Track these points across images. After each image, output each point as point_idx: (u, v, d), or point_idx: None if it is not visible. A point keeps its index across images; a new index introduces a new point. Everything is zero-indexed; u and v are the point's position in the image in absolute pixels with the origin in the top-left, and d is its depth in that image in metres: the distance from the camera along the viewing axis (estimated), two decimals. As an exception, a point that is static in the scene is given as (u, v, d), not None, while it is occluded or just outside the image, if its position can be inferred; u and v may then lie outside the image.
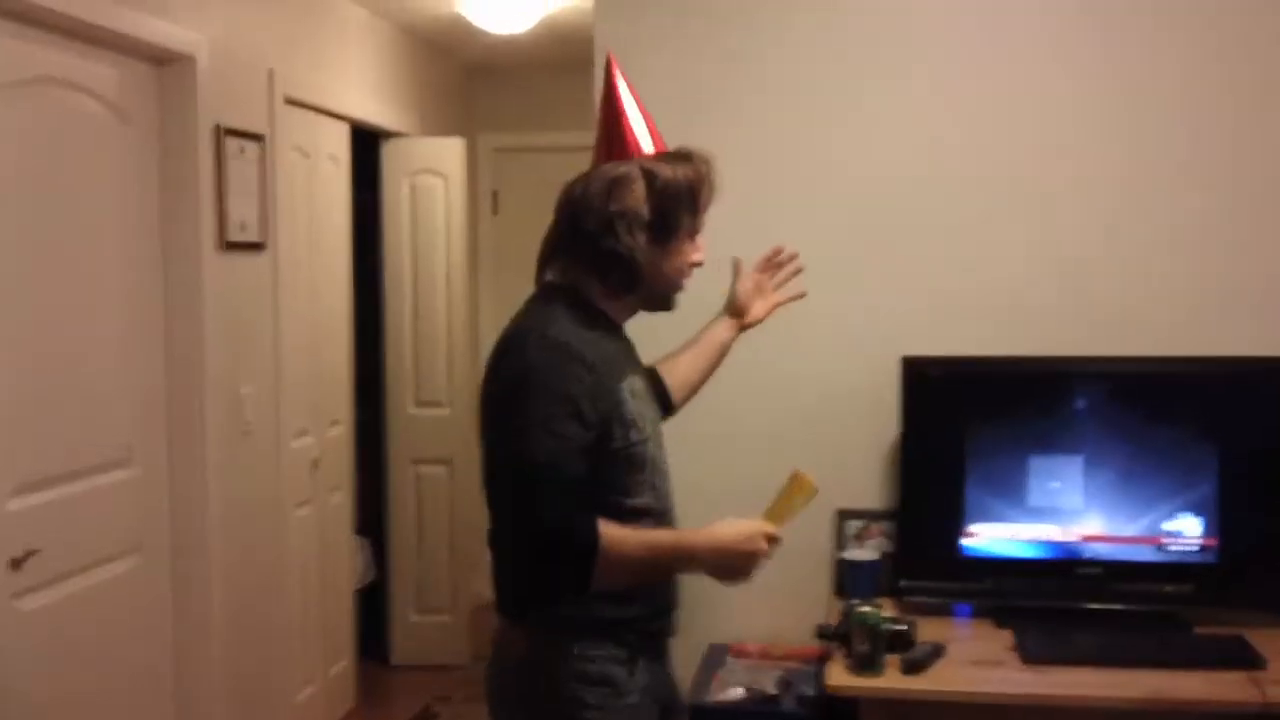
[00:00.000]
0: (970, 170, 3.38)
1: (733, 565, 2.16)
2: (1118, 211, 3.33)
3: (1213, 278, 3.29)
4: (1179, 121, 3.30)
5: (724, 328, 2.64)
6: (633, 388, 2.18)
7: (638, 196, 2.14)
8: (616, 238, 2.12)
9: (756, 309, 2.65)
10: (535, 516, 2.03)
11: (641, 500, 2.19)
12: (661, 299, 2.26)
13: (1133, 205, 3.32)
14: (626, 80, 2.29)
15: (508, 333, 2.19)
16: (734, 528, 2.16)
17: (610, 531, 2.05)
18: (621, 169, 2.17)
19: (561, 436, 2.03)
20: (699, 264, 2.26)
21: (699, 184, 2.20)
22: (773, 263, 2.68)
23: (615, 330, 2.24)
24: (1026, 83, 3.36)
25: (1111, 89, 3.32)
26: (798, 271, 2.69)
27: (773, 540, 2.19)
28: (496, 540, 2.16)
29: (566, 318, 2.13)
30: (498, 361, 2.16)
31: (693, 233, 2.23)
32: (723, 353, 2.64)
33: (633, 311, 2.27)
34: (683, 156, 2.21)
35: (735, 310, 2.64)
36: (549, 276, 2.25)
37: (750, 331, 2.70)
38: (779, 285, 2.68)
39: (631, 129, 2.23)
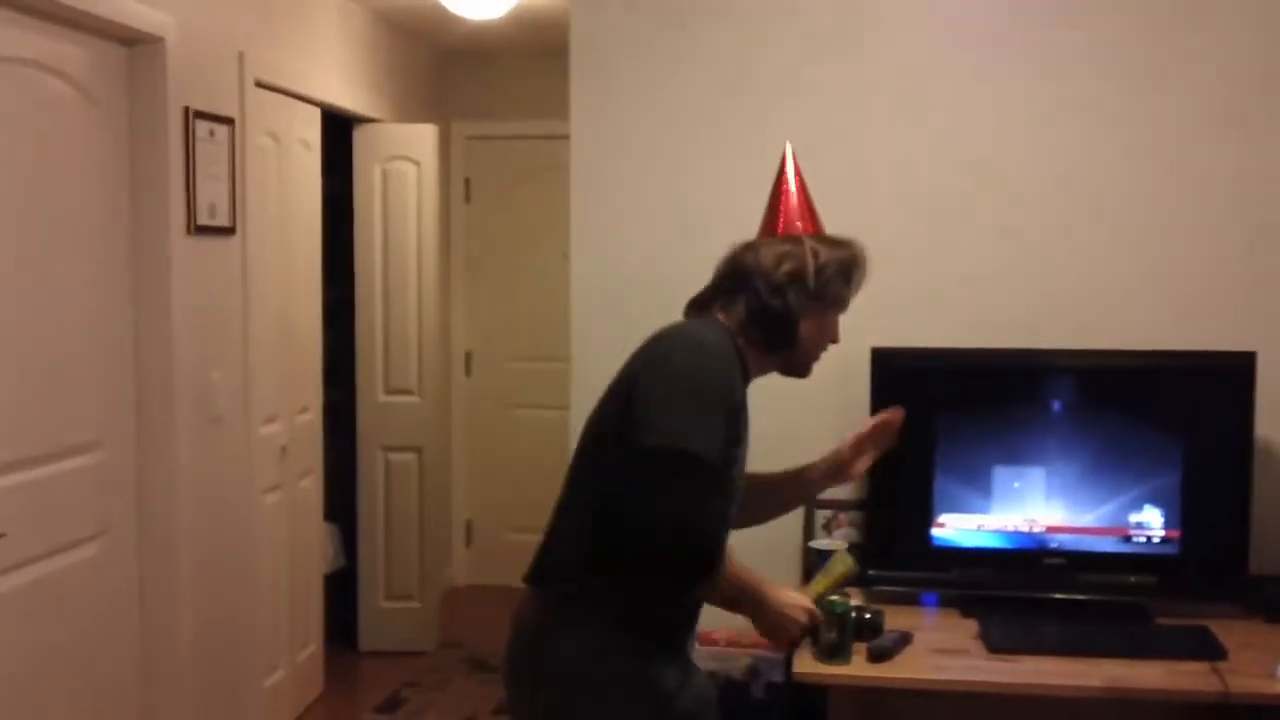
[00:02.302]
0: (940, 165, 3.40)
1: (781, 623, 2.37)
2: (1084, 207, 3.35)
3: (1178, 274, 3.32)
4: (1146, 121, 3.33)
5: (819, 479, 2.72)
6: (747, 427, 2.35)
7: (806, 267, 2.35)
8: (784, 298, 2.33)
9: (858, 466, 2.72)
10: (683, 509, 2.10)
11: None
12: (802, 365, 2.46)
13: (1099, 201, 3.35)
14: (797, 165, 2.53)
15: (673, 330, 2.32)
16: (790, 594, 2.39)
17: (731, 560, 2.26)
18: (792, 243, 2.39)
19: (716, 436, 2.16)
20: (836, 341, 2.47)
21: (854, 266, 2.41)
22: (888, 427, 2.72)
23: (746, 381, 2.37)
24: (996, 79, 3.37)
25: (1079, 88, 3.34)
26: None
27: (812, 618, 2.41)
28: (587, 508, 2.24)
29: (728, 341, 2.32)
30: (662, 348, 2.26)
31: (840, 310, 2.45)
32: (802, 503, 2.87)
33: (767, 371, 2.44)
34: (842, 241, 2.43)
35: (837, 468, 2.71)
36: (714, 314, 2.40)
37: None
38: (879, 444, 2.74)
39: (801, 209, 2.48)
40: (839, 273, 2.39)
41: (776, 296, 2.33)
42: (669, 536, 2.08)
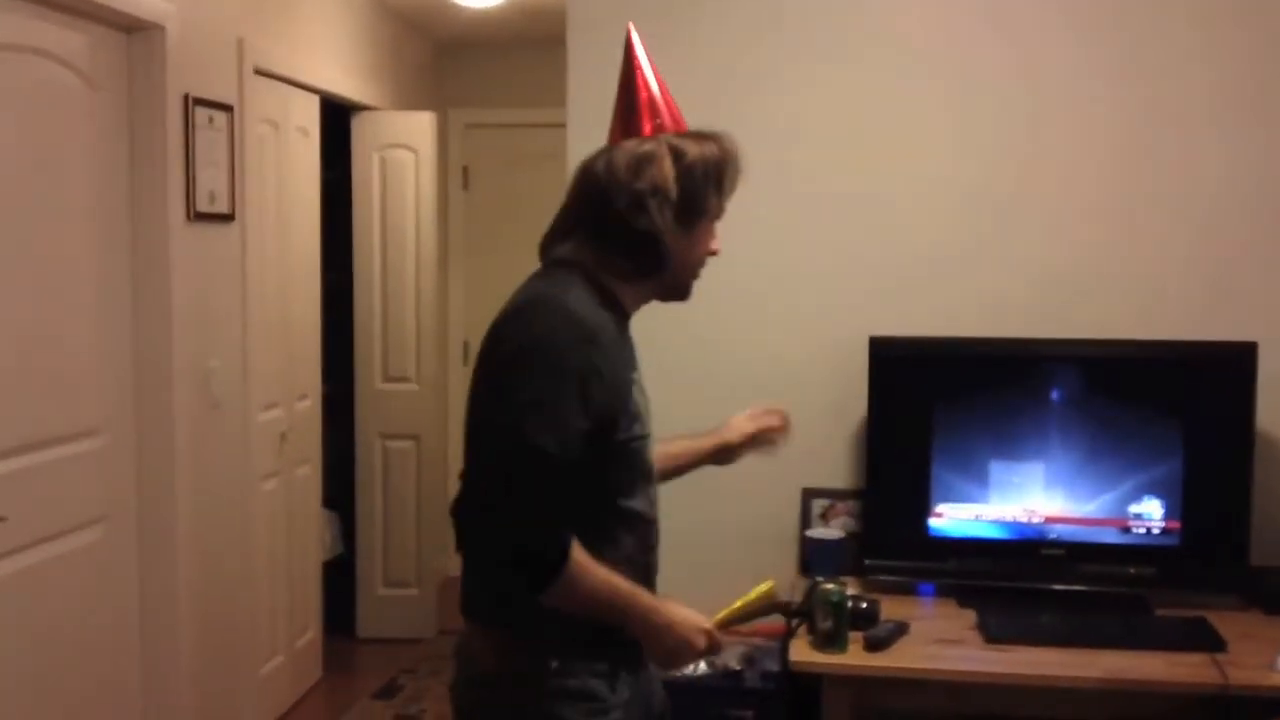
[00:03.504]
0: (938, 154, 3.39)
1: (669, 645, 2.04)
2: (1085, 197, 3.35)
3: (1177, 262, 3.32)
4: (1141, 110, 3.32)
5: (709, 444, 2.48)
6: (639, 381, 2.07)
7: (666, 174, 2.01)
8: (647, 215, 1.99)
9: (738, 456, 2.52)
10: (515, 504, 1.88)
11: (635, 504, 2.06)
12: (680, 287, 2.13)
13: (1099, 191, 3.34)
14: (647, 52, 2.18)
15: (517, 298, 2.03)
16: (684, 612, 2.05)
17: (580, 556, 1.92)
18: (647, 145, 2.04)
19: (563, 422, 1.88)
20: (715, 253, 2.15)
21: (725, 164, 2.08)
22: (773, 434, 2.52)
23: (625, 320, 2.10)
24: (992, 70, 3.37)
25: (1075, 78, 3.34)
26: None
27: (711, 642, 2.08)
28: (468, 521, 1.98)
29: (584, 293, 1.99)
30: (505, 325, 1.99)
31: (716, 216, 2.11)
32: (694, 467, 2.50)
33: (645, 300, 2.13)
34: (708, 136, 2.09)
35: (722, 454, 2.49)
36: (560, 254, 2.09)
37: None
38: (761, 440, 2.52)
39: (653, 104, 2.11)
40: (708, 175, 2.05)
41: (638, 214, 1.99)
42: (496, 533, 1.89)
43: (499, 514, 1.89)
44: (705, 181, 2.05)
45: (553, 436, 1.87)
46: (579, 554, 1.92)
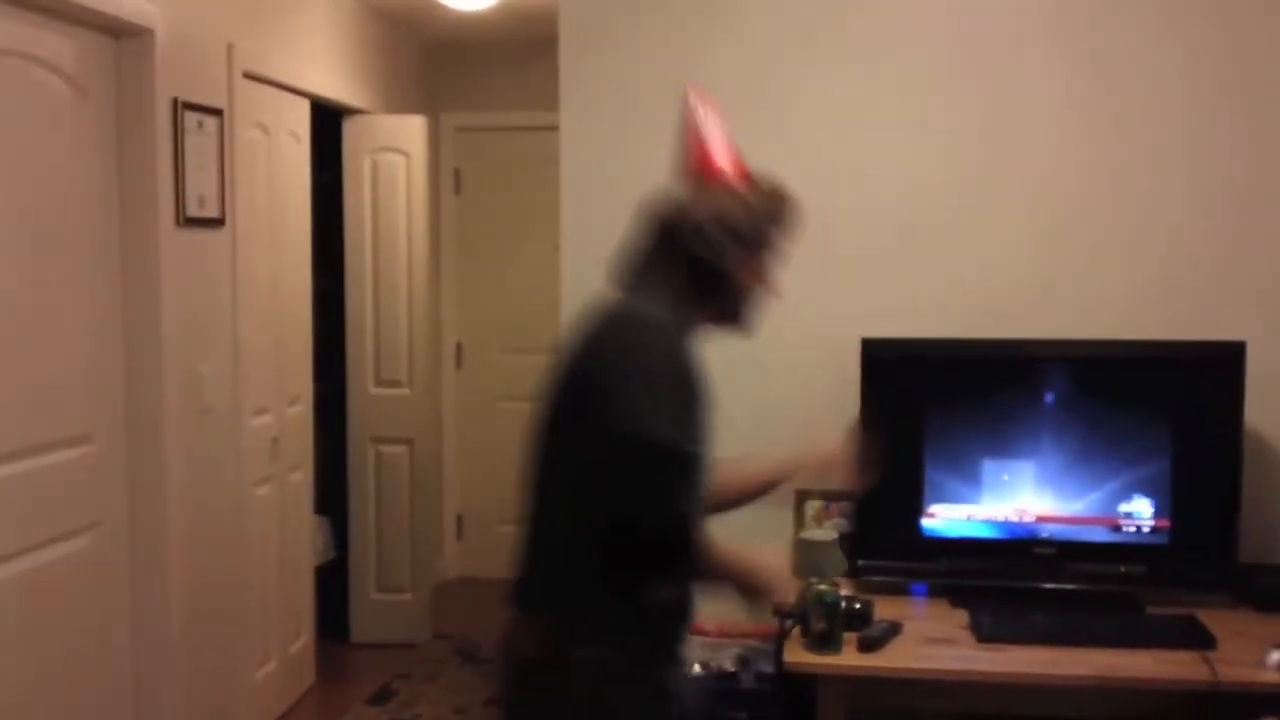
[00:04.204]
0: (932, 158, 3.40)
1: (758, 585, 2.20)
2: (1074, 199, 3.36)
3: (1166, 263, 3.34)
4: (1134, 114, 3.34)
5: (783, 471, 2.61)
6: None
7: (739, 217, 2.22)
8: (719, 251, 2.20)
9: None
10: (664, 500, 2.02)
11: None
12: (743, 319, 2.31)
13: (1088, 193, 3.36)
14: (713, 104, 2.36)
15: (622, 310, 2.20)
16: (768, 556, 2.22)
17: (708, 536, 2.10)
18: (716, 191, 2.26)
19: (688, 428, 2.07)
20: (774, 289, 2.31)
21: (784, 210, 2.28)
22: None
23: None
24: (987, 74, 3.38)
25: (1067, 81, 3.35)
26: None
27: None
28: (569, 517, 2.13)
29: (678, 319, 2.18)
30: (618, 334, 2.15)
31: (776, 257, 2.30)
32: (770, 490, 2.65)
33: (710, 329, 2.28)
34: (770, 185, 2.29)
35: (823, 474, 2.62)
36: (641, 283, 2.26)
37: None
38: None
39: (719, 151, 2.32)
40: (771, 217, 2.27)
41: (710, 250, 2.20)
42: (654, 530, 2.02)
43: (650, 514, 2.03)
44: (769, 223, 2.26)
45: (689, 438, 2.05)
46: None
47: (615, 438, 2.04)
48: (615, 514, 2.03)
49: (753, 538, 3.42)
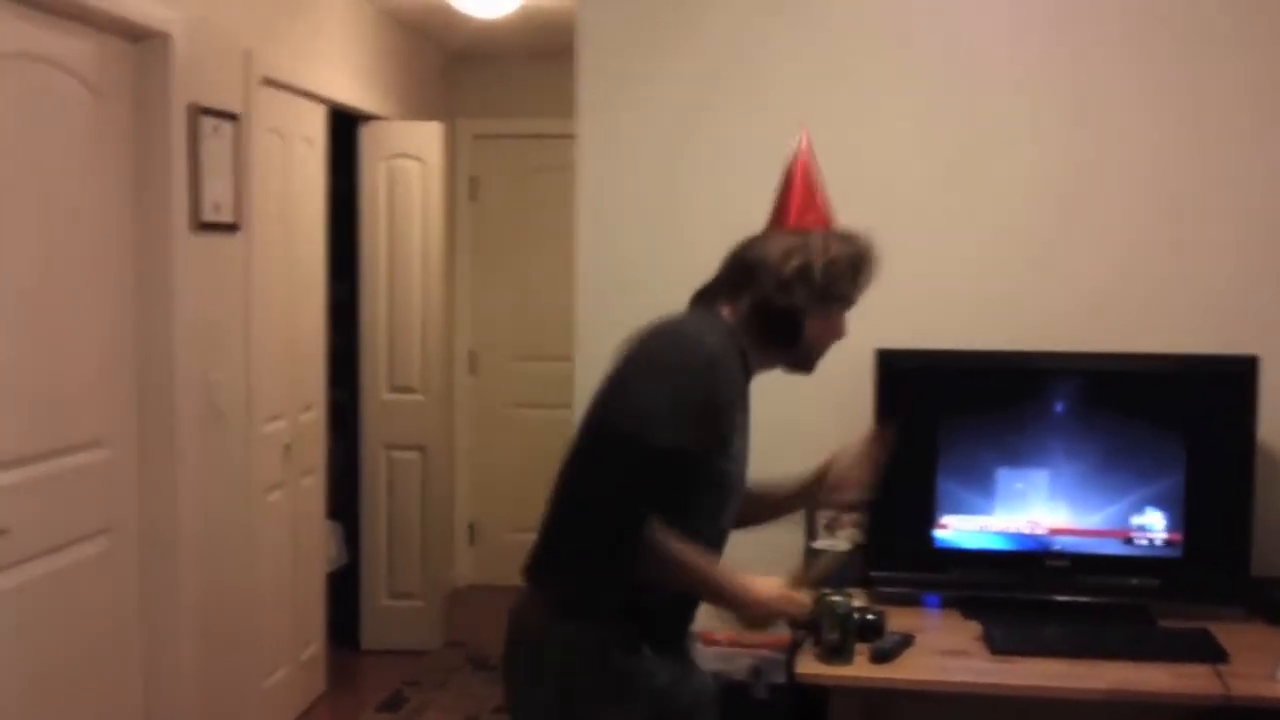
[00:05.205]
0: (943, 166, 3.40)
1: (758, 616, 2.35)
2: (1089, 212, 3.35)
3: (1181, 278, 3.32)
4: (1149, 123, 3.33)
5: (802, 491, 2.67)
6: (744, 426, 2.36)
7: (814, 264, 2.30)
8: (791, 297, 2.29)
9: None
10: (625, 491, 2.12)
11: (702, 531, 2.29)
12: (806, 361, 2.42)
13: (1103, 204, 3.35)
14: (810, 152, 2.50)
15: (672, 319, 2.32)
16: (767, 584, 2.34)
17: (673, 542, 2.18)
18: (800, 237, 2.37)
19: (691, 435, 2.16)
20: (842, 337, 2.43)
21: (863, 264, 2.36)
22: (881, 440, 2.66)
23: (747, 376, 2.36)
24: (999, 79, 3.37)
25: (1083, 90, 3.34)
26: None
27: (795, 605, 2.40)
28: (576, 500, 2.24)
29: (721, 333, 2.29)
30: (656, 338, 2.26)
31: (847, 307, 2.40)
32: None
33: (771, 367, 2.41)
34: (853, 237, 2.38)
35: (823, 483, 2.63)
36: (710, 306, 2.37)
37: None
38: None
39: (809, 199, 2.52)
40: (847, 269, 2.34)
41: (782, 293, 2.29)
42: (599, 515, 2.14)
43: (602, 496, 2.15)
44: (844, 275, 2.34)
45: (675, 437, 2.13)
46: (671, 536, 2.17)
47: (602, 424, 2.20)
48: (584, 495, 2.17)
49: (764, 549, 3.43)
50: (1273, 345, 3.19)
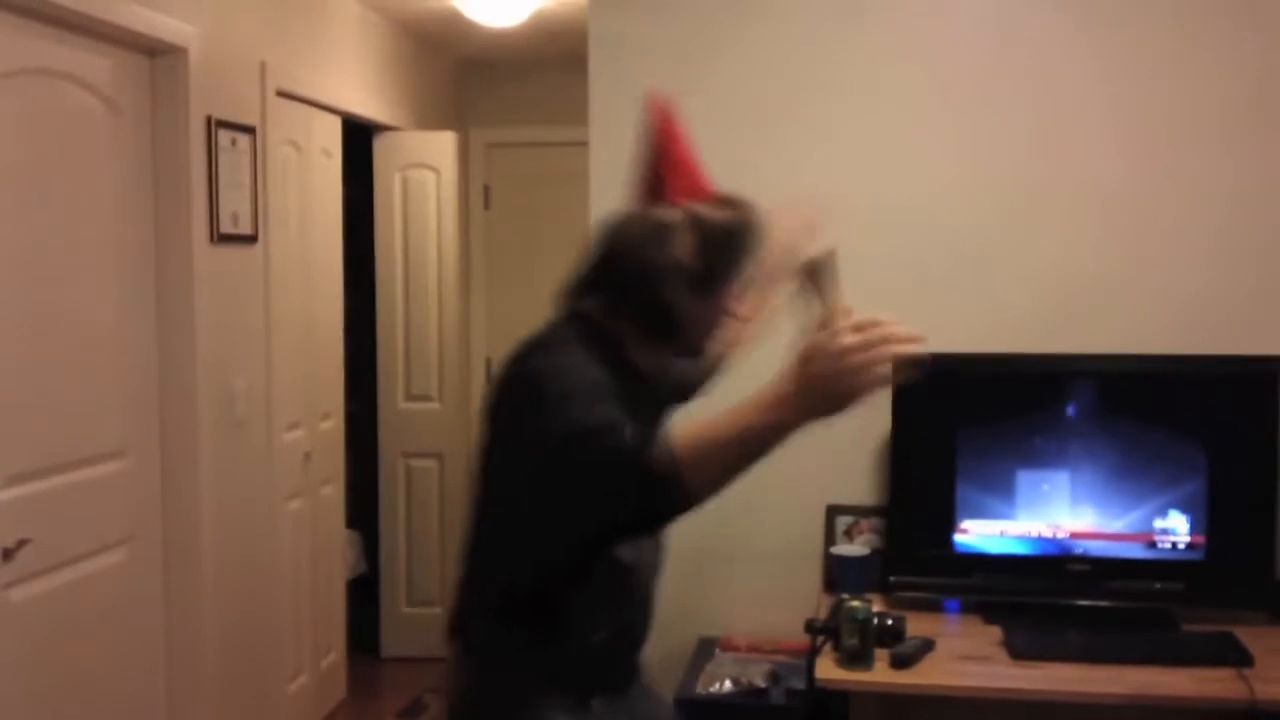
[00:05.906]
0: (961, 170, 3.39)
1: (836, 385, 1.90)
2: (1108, 212, 3.34)
3: (1202, 279, 3.31)
4: (1169, 127, 3.32)
5: None
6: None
7: (685, 248, 1.99)
8: (661, 289, 1.98)
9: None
10: (612, 461, 1.78)
11: (624, 553, 2.06)
12: (694, 348, 2.13)
13: (1123, 206, 3.34)
14: (676, 119, 2.15)
15: (521, 347, 2.11)
16: (804, 347, 1.89)
17: (681, 434, 1.80)
18: (668, 215, 2.02)
19: (596, 407, 1.85)
20: (736, 315, 2.15)
21: (744, 236, 2.04)
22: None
23: (640, 378, 2.07)
24: (1016, 83, 3.37)
25: (1102, 93, 3.33)
26: None
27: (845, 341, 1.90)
28: (472, 559, 2.08)
29: (582, 354, 1.99)
30: (505, 393, 2.10)
31: (735, 282, 2.07)
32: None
33: (661, 357, 2.11)
34: (731, 203, 2.06)
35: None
36: (574, 307, 2.11)
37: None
38: None
39: (678, 168, 2.09)
40: (726, 247, 2.01)
41: (653, 286, 1.99)
42: (625, 493, 1.79)
43: (609, 479, 1.81)
44: (724, 251, 2.02)
45: (597, 415, 1.83)
46: (680, 434, 1.80)
47: (541, 450, 1.89)
48: (568, 512, 1.89)
49: (784, 555, 3.43)
50: (1295, 347, 3.18)
